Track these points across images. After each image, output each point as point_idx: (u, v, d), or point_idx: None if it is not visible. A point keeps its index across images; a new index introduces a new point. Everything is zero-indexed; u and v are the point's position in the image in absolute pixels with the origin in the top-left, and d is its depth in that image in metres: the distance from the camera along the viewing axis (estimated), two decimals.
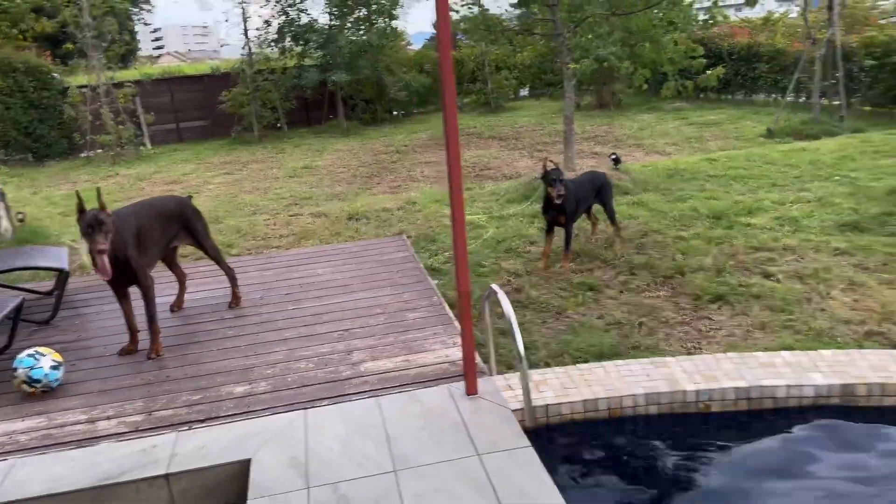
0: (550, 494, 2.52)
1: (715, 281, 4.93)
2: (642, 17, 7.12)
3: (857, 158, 8.75)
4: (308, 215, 8.53)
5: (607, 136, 14.41)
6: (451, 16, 10.59)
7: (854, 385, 3.29)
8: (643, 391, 3.32)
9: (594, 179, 5.74)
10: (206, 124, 20.32)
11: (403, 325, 4.13)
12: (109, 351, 4.13)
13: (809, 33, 13.53)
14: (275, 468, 2.83)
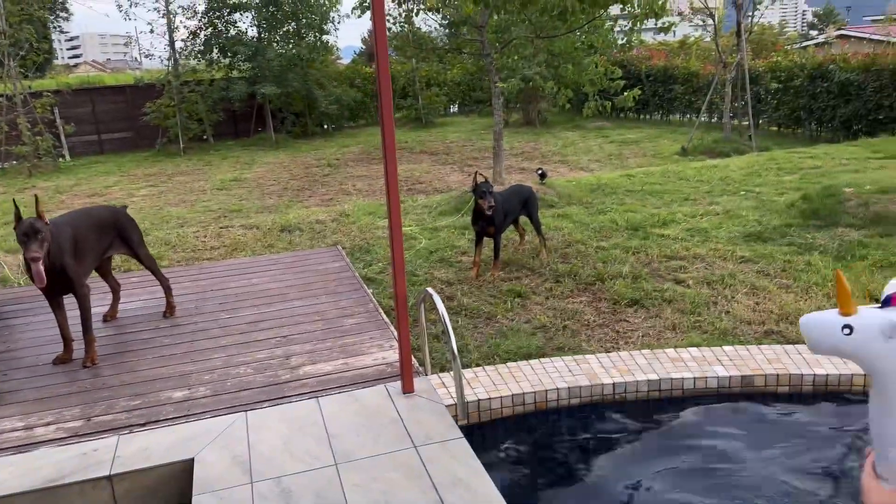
0: (481, 479, 2.73)
1: (632, 287, 5.28)
2: (565, 41, 7.52)
3: (762, 175, 9.42)
4: (239, 227, 8.53)
5: (534, 152, 14.92)
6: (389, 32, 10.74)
7: (752, 376, 3.65)
8: (566, 385, 3.59)
9: (520, 192, 6.05)
10: (128, 136, 19.86)
11: (341, 330, 4.28)
12: (42, 360, 4.12)
13: (721, 57, 14.42)
14: (218, 466, 2.94)
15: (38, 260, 3.66)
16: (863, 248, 5.87)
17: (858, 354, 2.76)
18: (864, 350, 2.66)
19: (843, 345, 2.77)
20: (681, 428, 3.47)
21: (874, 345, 2.63)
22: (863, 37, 23.18)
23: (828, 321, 2.83)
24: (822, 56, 15.28)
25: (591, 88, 7.77)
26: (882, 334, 2.63)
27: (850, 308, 2.83)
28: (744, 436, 3.34)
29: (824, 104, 14.34)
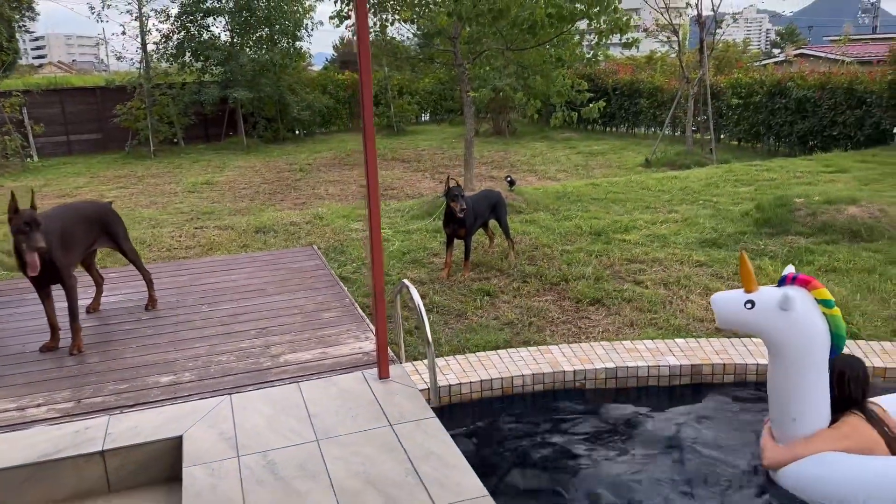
0: (452, 452, 2.98)
1: (594, 287, 5.59)
2: (534, 53, 7.86)
3: (720, 186, 9.85)
4: (214, 228, 8.67)
5: (503, 161, 15.27)
6: (355, 40, 11.06)
7: (700, 365, 3.97)
8: (531, 372, 3.87)
9: (489, 197, 6.33)
10: (98, 137, 19.78)
11: (319, 323, 4.50)
12: (29, 348, 4.27)
13: (684, 73, 14.95)
14: (206, 442, 3.14)
15: (42, 249, 3.84)
16: (810, 255, 6.26)
17: (759, 325, 3.26)
18: (763, 321, 3.13)
19: (746, 318, 3.28)
20: (632, 409, 3.78)
21: (771, 316, 3.10)
22: (820, 56, 24.08)
23: (733, 298, 3.34)
24: (780, 74, 15.91)
25: (559, 99, 8.11)
26: (778, 307, 3.10)
27: (752, 286, 3.34)
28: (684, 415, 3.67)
29: (782, 120, 14.94)
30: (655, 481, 3.20)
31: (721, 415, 3.71)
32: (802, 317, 3.02)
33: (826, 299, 3.07)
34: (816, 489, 2.98)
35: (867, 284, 5.41)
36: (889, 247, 6.32)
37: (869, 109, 13.36)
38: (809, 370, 3.06)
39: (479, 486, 2.75)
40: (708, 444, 3.45)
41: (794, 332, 3.04)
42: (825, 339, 3.06)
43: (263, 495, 2.74)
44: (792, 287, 3.11)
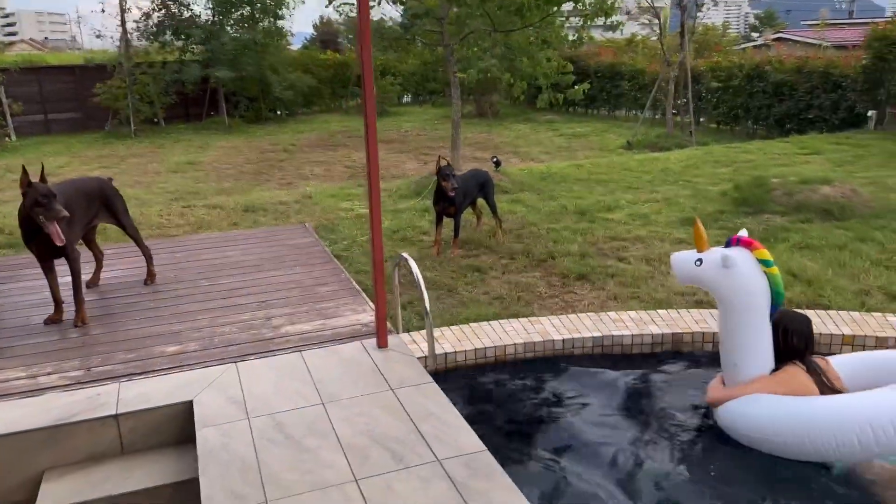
0: (451, 412, 3.17)
1: (579, 263, 5.79)
2: (520, 35, 8.00)
3: (699, 167, 10.10)
4: (202, 207, 8.75)
5: (487, 142, 15.43)
6: (337, 19, 11.21)
7: (681, 334, 4.20)
8: (522, 341, 4.07)
9: (477, 176, 6.50)
10: (77, 117, 19.61)
11: (316, 296, 4.65)
12: (32, 322, 4.38)
13: (665, 56, 15.15)
14: (216, 406, 3.30)
15: (65, 217, 3.95)
16: (785, 232, 6.51)
17: (706, 280, 3.70)
18: (709, 277, 3.56)
19: (696, 274, 3.74)
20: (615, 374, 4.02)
21: (715, 273, 3.52)
22: (798, 40, 24.44)
23: (687, 257, 3.79)
24: (759, 58, 16.18)
25: (545, 81, 8.27)
26: (721, 264, 3.52)
27: (703, 247, 3.77)
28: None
29: (760, 103, 15.24)
30: (631, 440, 3.45)
31: (696, 377, 3.96)
32: (742, 273, 3.40)
33: (765, 259, 3.44)
34: (746, 425, 3.35)
35: (839, 260, 5.67)
36: (860, 225, 6.60)
37: (844, 93, 13.68)
38: (750, 321, 3.43)
39: (477, 442, 2.94)
40: (674, 405, 3.71)
41: (736, 286, 3.42)
42: (765, 294, 3.42)
43: (275, 452, 2.91)
44: (734, 248, 3.47)
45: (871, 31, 13.20)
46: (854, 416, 3.15)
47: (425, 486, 2.67)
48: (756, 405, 3.35)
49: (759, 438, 3.32)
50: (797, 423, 3.22)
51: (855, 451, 3.14)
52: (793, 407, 3.27)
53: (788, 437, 3.23)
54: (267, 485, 2.71)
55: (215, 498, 2.64)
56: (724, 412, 3.47)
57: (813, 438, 3.18)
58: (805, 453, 3.22)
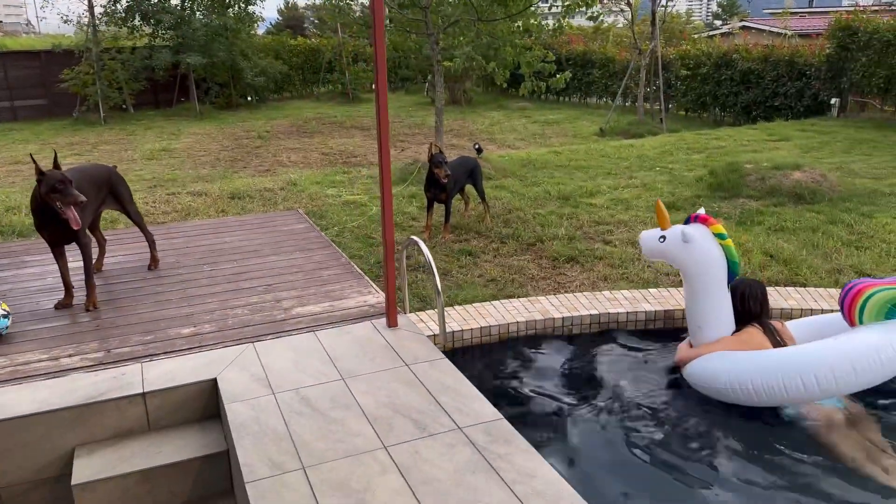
0: (466, 385, 3.37)
1: (567, 246, 6.03)
2: (503, 24, 8.17)
3: (674, 153, 10.42)
4: (186, 194, 8.78)
5: (462, 129, 15.59)
6: (307, 2, 11.35)
7: (672, 310, 4.46)
8: (524, 320, 4.29)
9: (467, 163, 6.68)
10: (43, 103, 19.28)
11: (321, 280, 4.81)
12: (43, 307, 4.46)
13: (636, 44, 15.46)
14: (240, 383, 3.45)
15: (82, 203, 4.03)
16: (760, 216, 6.83)
17: (669, 255, 4.14)
18: (671, 252, 3.98)
19: (660, 249, 4.17)
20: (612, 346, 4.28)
21: (677, 247, 3.94)
22: (763, 28, 25.02)
23: (651, 234, 4.23)
24: (726, 46, 16.60)
25: (528, 69, 8.46)
26: (681, 239, 3.93)
27: (665, 225, 4.18)
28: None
29: (727, 91, 15.66)
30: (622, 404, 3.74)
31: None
32: (700, 247, 3.81)
33: (720, 233, 3.84)
34: (709, 378, 3.73)
35: (812, 241, 6.00)
36: (829, 208, 6.95)
37: (808, 82, 14.15)
38: (709, 288, 3.83)
39: (493, 410, 3.15)
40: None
41: (695, 258, 3.82)
42: (721, 264, 3.82)
43: (304, 423, 3.09)
44: (692, 224, 3.90)
45: (834, 22, 13.65)
46: (799, 364, 3.52)
47: (450, 451, 2.87)
48: (717, 361, 3.74)
49: (720, 389, 3.69)
50: (752, 373, 3.58)
51: (801, 396, 3.52)
52: (748, 359, 3.66)
53: (745, 386, 3.59)
54: (301, 453, 2.88)
55: (254, 466, 2.80)
56: (691, 369, 3.85)
57: (766, 386, 3.54)
58: (760, 400, 3.59)
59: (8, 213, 7.48)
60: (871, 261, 5.53)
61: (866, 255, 5.66)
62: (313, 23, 43.00)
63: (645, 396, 3.83)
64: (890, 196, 7.47)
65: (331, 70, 22.24)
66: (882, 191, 7.66)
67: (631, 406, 3.74)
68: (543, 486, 2.63)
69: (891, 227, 6.33)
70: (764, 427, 3.58)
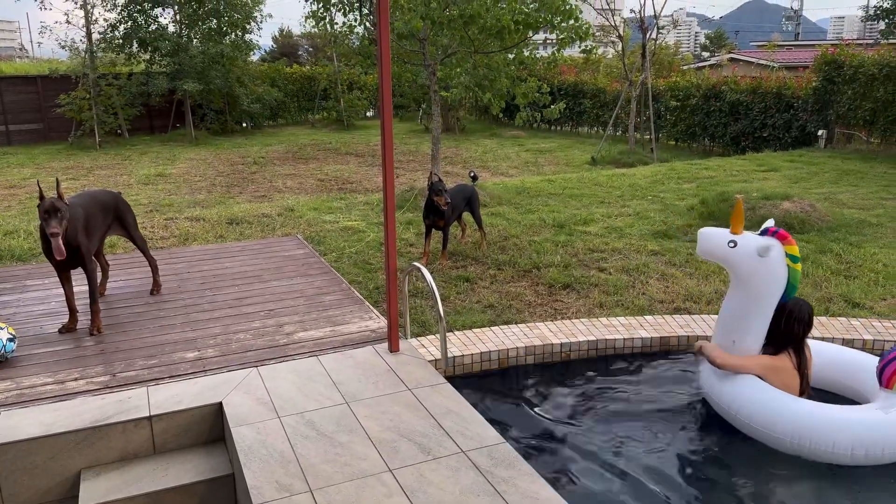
0: (468, 409, 3.43)
1: (563, 273, 6.13)
2: (499, 56, 8.37)
3: (665, 183, 10.59)
4: (185, 219, 8.84)
5: (456, 157, 15.77)
6: (302, 31, 11.54)
7: (668, 337, 4.55)
8: (523, 345, 4.36)
9: (465, 191, 6.79)
10: (39, 128, 19.38)
11: (322, 305, 4.87)
12: (46, 331, 4.50)
13: (627, 76, 15.75)
14: (245, 406, 3.50)
15: (56, 235, 4.09)
16: None
17: (735, 262, 4.01)
18: (740, 260, 3.86)
19: (726, 254, 4.03)
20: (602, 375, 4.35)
21: (749, 259, 3.83)
22: (751, 61, 25.51)
23: (720, 234, 4.08)
24: (715, 78, 16.93)
25: (523, 101, 8.64)
26: (756, 252, 3.84)
27: (739, 230, 4.07)
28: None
29: (716, 122, 15.94)
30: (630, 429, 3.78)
31: (682, 376, 4.33)
32: (772, 264, 3.71)
33: (794, 255, 3.75)
34: (727, 398, 3.75)
35: (802, 270, 6.12)
36: (819, 238, 7.09)
37: (796, 113, 14.44)
38: (761, 307, 3.77)
39: (496, 434, 3.21)
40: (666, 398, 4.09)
41: (762, 274, 3.72)
42: (782, 285, 3.76)
43: (310, 447, 3.14)
44: (768, 238, 3.75)
45: (820, 56, 13.98)
46: (814, 427, 3.50)
47: (455, 474, 2.93)
48: (745, 386, 3.71)
49: (733, 415, 3.72)
50: (774, 417, 3.57)
51: (805, 453, 3.52)
52: (772, 400, 3.64)
53: (760, 426, 3.60)
54: (308, 476, 2.93)
55: (263, 489, 2.85)
56: (715, 379, 3.80)
57: (778, 433, 3.55)
58: (781, 447, 3.59)
59: (6, 237, 7.51)
60: (860, 290, 5.65)
61: (855, 284, 5.78)
62: (308, 51, 43.44)
63: (645, 420, 3.90)
64: (877, 226, 7.64)
65: (326, 97, 22.48)
66: (869, 221, 7.83)
67: (631, 430, 3.81)
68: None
69: (878, 257, 6.47)
70: (777, 461, 3.59)
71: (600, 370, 4.41)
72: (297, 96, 22.97)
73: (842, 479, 3.43)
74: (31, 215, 9.63)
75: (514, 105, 9.28)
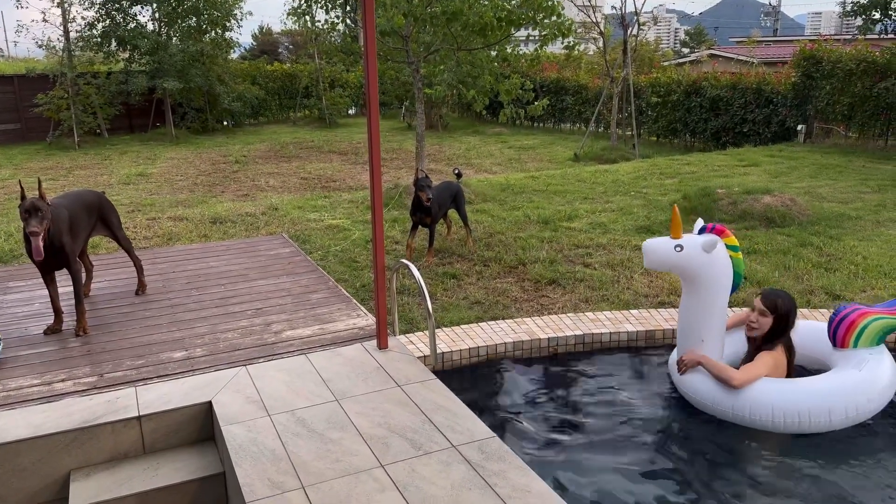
0: (458, 405, 3.46)
1: (549, 269, 6.17)
2: (482, 53, 8.39)
3: (647, 178, 10.68)
4: (167, 219, 8.78)
5: (439, 154, 15.78)
6: (282, 28, 11.51)
7: (654, 331, 4.61)
8: (511, 340, 4.39)
9: (451, 188, 6.81)
10: (16, 128, 19.14)
11: (310, 303, 4.87)
12: (31, 332, 4.46)
13: (609, 72, 15.84)
14: (235, 405, 3.50)
15: (37, 235, 4.05)
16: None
17: (684, 265, 4.12)
18: (690, 262, 3.98)
19: (676, 259, 4.14)
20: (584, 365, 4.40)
21: (696, 257, 3.93)
22: (730, 57, 25.72)
23: (664, 242, 4.19)
24: (695, 74, 17.09)
25: (507, 97, 8.67)
26: (703, 249, 3.96)
27: (679, 234, 4.19)
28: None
29: (697, 117, 16.08)
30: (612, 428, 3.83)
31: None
32: (718, 257, 3.87)
33: (733, 245, 3.95)
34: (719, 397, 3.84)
35: (783, 263, 6.21)
36: (799, 231, 7.20)
37: (775, 108, 14.61)
38: (717, 300, 3.92)
39: (486, 429, 3.24)
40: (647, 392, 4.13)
41: (712, 269, 3.87)
42: (731, 275, 3.94)
43: (301, 444, 3.15)
44: (708, 235, 3.95)
45: (799, 51, 14.15)
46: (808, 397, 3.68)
47: (446, 468, 2.95)
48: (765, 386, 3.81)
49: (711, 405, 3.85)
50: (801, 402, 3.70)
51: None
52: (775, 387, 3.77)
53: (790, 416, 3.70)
54: (300, 473, 2.94)
55: (255, 486, 2.86)
56: (747, 396, 3.84)
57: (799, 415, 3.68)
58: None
59: None
60: (841, 282, 5.75)
61: (836, 277, 5.88)
62: (288, 48, 43.22)
63: (634, 412, 3.94)
64: (856, 219, 7.76)
65: (308, 95, 22.39)
66: (849, 214, 7.95)
67: (619, 422, 3.85)
68: (538, 501, 2.72)
69: (858, 250, 6.58)
70: (766, 450, 3.66)
71: (588, 363, 4.45)
72: (278, 94, 22.87)
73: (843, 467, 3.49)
74: (10, 216, 9.53)
75: (498, 102, 9.31)
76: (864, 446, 3.61)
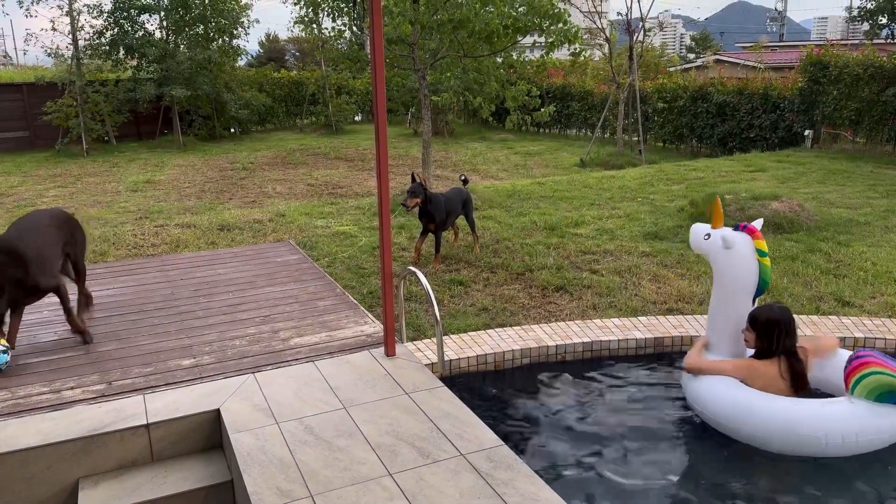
0: (465, 412, 3.45)
1: (556, 276, 6.16)
2: (488, 60, 8.41)
3: (654, 184, 10.66)
4: (175, 226, 8.82)
5: (445, 160, 15.79)
6: (289, 35, 11.51)
7: (662, 338, 4.59)
8: (519, 347, 4.39)
9: (461, 194, 6.83)
10: (25, 135, 19.26)
11: (317, 311, 4.87)
12: (40, 339, 4.47)
13: (615, 78, 15.84)
14: (243, 413, 3.50)
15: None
16: None
17: (708, 254, 4.22)
18: (711, 251, 4.07)
19: (703, 245, 4.28)
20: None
21: (717, 250, 4.01)
22: (737, 62, 25.70)
23: (701, 228, 4.31)
24: (702, 79, 17.06)
25: (513, 104, 8.68)
26: (722, 244, 4.03)
27: (716, 224, 4.28)
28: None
29: (704, 123, 16.05)
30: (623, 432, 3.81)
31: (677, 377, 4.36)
32: (738, 255, 3.91)
33: (762, 250, 3.94)
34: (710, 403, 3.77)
35: (792, 270, 6.19)
36: (808, 237, 7.17)
37: (782, 114, 14.57)
38: (733, 298, 3.95)
39: (494, 437, 3.23)
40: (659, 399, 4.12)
41: (729, 265, 3.93)
42: (753, 279, 3.93)
43: (309, 451, 3.14)
44: (738, 232, 3.97)
45: (806, 56, 14.11)
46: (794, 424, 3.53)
47: (455, 477, 2.94)
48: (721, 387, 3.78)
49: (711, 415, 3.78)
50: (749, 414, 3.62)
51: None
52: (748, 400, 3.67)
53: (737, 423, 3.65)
54: (308, 481, 2.94)
55: (263, 494, 2.85)
56: (698, 388, 3.85)
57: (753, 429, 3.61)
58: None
59: None
60: (850, 288, 5.72)
61: (845, 283, 5.85)
62: (295, 55, 43.43)
63: (642, 421, 3.92)
64: (865, 225, 7.73)
65: (314, 102, 22.46)
66: (857, 220, 7.92)
67: (628, 431, 3.83)
68: None
69: (867, 256, 6.55)
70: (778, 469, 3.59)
71: (596, 371, 4.43)
72: (285, 101, 22.95)
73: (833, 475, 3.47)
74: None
75: (503, 108, 9.31)
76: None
